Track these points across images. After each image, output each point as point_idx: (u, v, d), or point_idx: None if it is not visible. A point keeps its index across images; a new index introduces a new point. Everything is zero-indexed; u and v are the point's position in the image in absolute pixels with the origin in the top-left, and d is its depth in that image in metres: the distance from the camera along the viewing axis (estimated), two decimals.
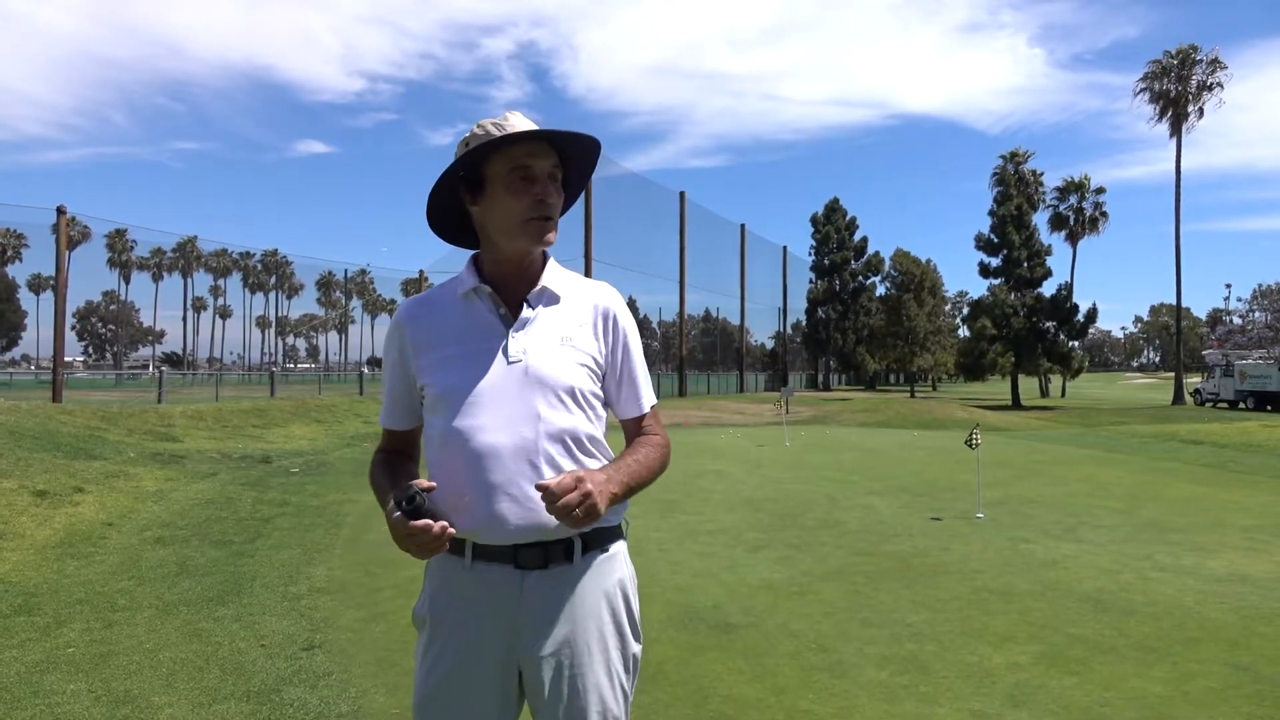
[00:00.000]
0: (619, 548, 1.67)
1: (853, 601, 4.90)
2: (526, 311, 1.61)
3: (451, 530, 1.43)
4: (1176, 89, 42.13)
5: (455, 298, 1.64)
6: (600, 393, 1.67)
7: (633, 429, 1.72)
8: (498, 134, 1.56)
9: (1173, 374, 45.57)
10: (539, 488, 1.43)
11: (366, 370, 33.78)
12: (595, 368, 1.64)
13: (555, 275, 1.68)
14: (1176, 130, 42.29)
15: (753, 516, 7.48)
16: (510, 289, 1.64)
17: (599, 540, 1.62)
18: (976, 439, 7.57)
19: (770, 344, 60.44)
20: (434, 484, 1.50)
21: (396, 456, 1.74)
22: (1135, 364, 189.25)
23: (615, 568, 1.65)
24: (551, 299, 1.65)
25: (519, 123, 1.58)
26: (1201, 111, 42.01)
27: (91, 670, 3.75)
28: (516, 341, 1.58)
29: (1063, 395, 53.14)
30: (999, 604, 4.83)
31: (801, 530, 6.94)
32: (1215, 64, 41.72)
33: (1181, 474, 10.64)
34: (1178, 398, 41.43)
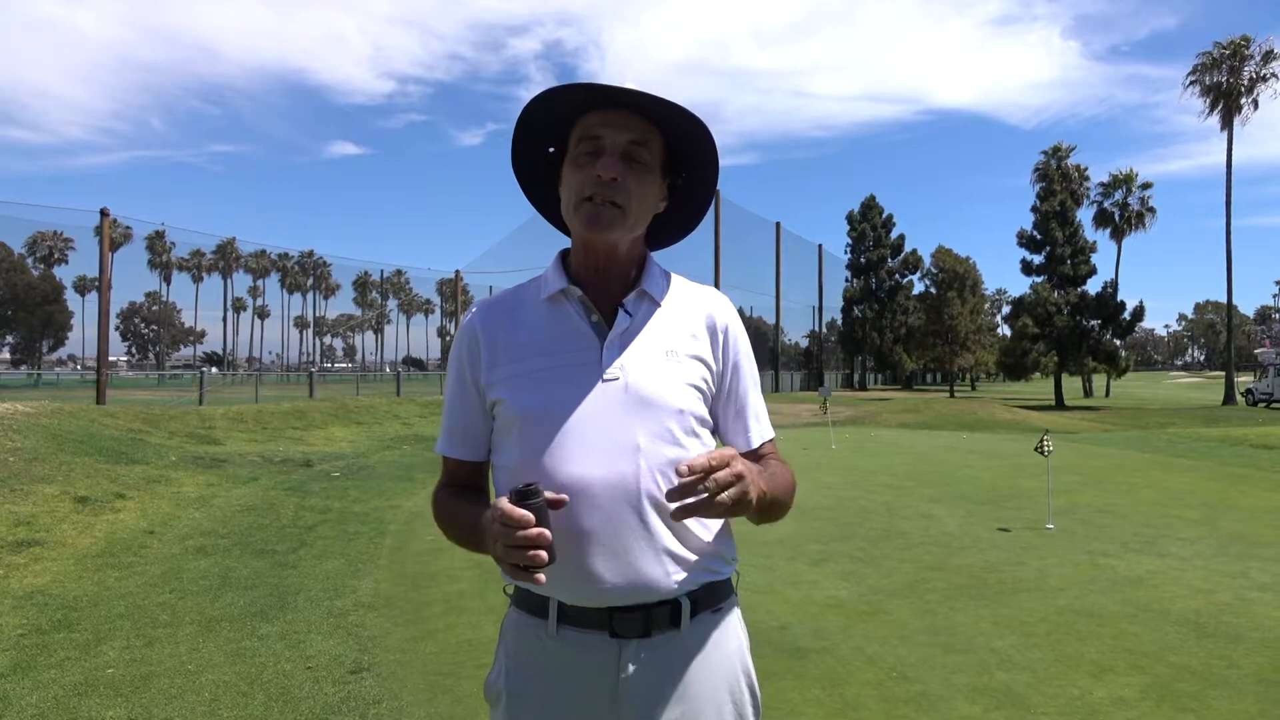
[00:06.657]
0: (731, 605, 1.37)
1: (929, 623, 4.58)
2: (624, 319, 1.32)
3: (547, 549, 1.12)
4: (1228, 81, 40.80)
5: (538, 301, 1.36)
6: (709, 419, 1.37)
7: None
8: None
9: (1219, 373, 44.31)
10: (679, 470, 1.10)
11: (403, 370, 33.79)
12: (705, 389, 1.35)
13: (658, 277, 1.38)
14: (1228, 124, 40.91)
15: (810, 526, 7.16)
16: (603, 292, 1.34)
17: (710, 599, 1.32)
18: (1048, 446, 7.18)
19: (805, 343, 59.79)
20: (565, 497, 1.21)
21: (465, 490, 1.41)
22: (1179, 362, 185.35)
23: (731, 633, 1.35)
24: (653, 305, 1.35)
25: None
26: (1256, 104, 40.68)
27: (131, 694, 3.55)
28: (613, 354, 1.29)
29: (1106, 395, 51.73)
30: (1089, 627, 4.48)
31: (864, 542, 6.61)
32: (1269, 55, 40.37)
33: (1258, 481, 10.08)
34: (1229, 398, 40.16)
